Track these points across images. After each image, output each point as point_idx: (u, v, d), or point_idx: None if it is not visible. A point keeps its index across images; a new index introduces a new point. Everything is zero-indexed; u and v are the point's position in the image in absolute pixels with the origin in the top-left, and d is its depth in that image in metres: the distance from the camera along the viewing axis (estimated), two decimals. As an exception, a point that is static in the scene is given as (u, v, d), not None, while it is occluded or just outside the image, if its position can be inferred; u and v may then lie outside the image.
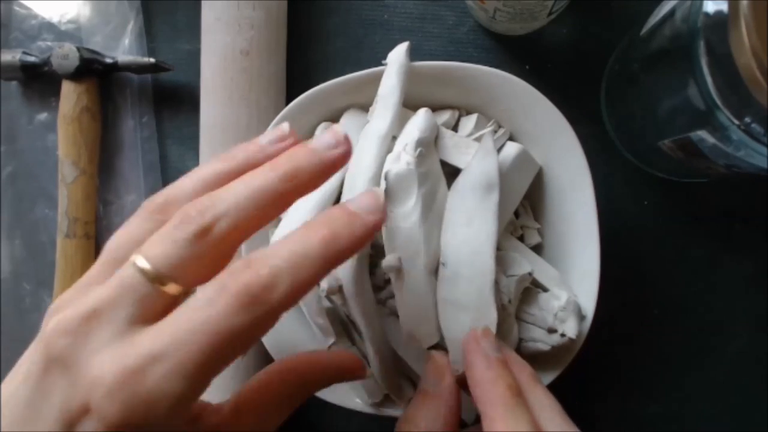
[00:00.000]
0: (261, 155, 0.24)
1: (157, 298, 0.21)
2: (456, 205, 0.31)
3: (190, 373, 0.20)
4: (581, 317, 0.33)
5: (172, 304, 0.21)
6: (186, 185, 0.23)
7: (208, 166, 0.24)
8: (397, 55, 0.33)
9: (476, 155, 0.32)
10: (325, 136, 0.24)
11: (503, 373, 0.26)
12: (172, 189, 0.24)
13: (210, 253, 0.21)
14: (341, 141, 0.24)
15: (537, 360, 0.34)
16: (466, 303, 0.30)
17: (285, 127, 0.25)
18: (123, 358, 0.20)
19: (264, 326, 0.21)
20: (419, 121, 0.32)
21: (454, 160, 0.33)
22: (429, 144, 0.32)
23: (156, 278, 0.21)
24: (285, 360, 0.27)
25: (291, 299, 0.21)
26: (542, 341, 0.33)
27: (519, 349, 0.34)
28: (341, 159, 0.23)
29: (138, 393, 0.19)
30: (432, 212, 0.31)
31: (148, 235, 0.22)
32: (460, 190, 0.31)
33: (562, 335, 0.32)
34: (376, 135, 0.31)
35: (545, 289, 0.34)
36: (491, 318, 0.30)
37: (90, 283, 0.22)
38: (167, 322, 0.20)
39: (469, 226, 0.31)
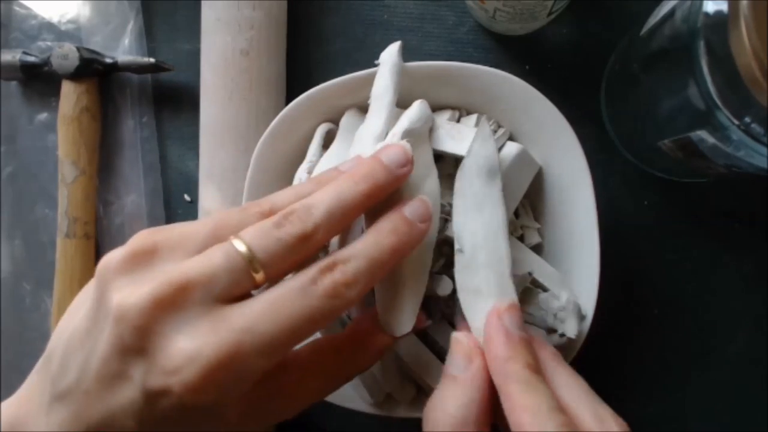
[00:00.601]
0: (391, 179, 0.27)
1: (245, 282, 0.23)
2: (464, 190, 0.31)
3: (275, 347, 0.22)
4: (581, 317, 0.33)
5: (250, 291, 0.24)
6: (286, 195, 0.26)
7: (303, 186, 0.27)
8: (390, 54, 0.33)
9: (475, 140, 0.31)
10: (396, 154, 0.27)
11: (523, 351, 0.25)
12: (275, 197, 0.26)
13: (304, 254, 0.24)
14: (410, 159, 0.27)
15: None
16: (487, 290, 0.29)
17: (407, 147, 0.28)
18: (216, 332, 0.21)
19: (338, 313, 0.24)
20: (411, 111, 0.32)
21: (449, 148, 0.33)
22: (420, 135, 0.31)
23: (251, 263, 0.23)
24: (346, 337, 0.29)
25: (361, 296, 0.24)
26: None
27: None
28: (407, 176, 0.27)
29: (231, 368, 0.21)
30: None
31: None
32: (467, 175, 0.31)
33: (562, 335, 0.32)
34: (371, 135, 0.31)
35: (545, 289, 0.34)
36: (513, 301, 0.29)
37: (184, 246, 0.24)
38: (256, 300, 0.23)
39: (481, 211, 0.30)
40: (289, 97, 0.41)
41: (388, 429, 0.37)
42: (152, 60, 0.41)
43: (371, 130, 0.32)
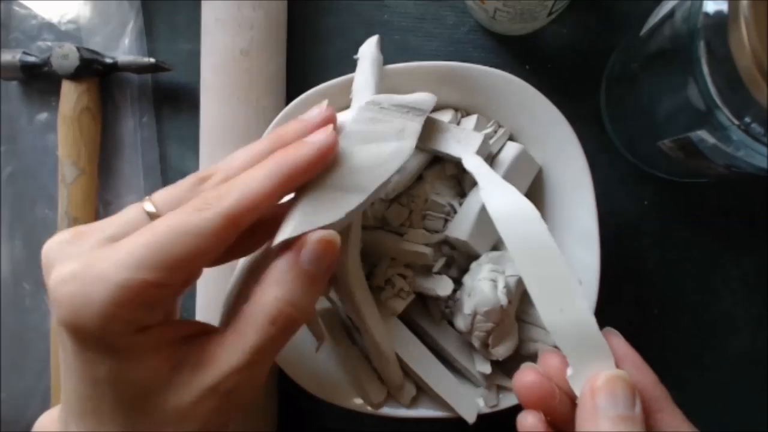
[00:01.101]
0: (303, 127, 0.27)
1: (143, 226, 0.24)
2: (518, 248, 0.28)
3: (136, 260, 0.22)
4: None
5: None
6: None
7: (249, 146, 0.27)
8: (369, 48, 0.33)
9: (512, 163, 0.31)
10: (311, 110, 0.28)
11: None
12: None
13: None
14: (323, 110, 0.27)
15: (537, 360, 0.34)
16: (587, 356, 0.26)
17: (323, 103, 0.28)
18: (82, 256, 0.23)
19: (212, 230, 0.23)
20: (413, 96, 0.31)
21: (454, 152, 0.33)
22: (409, 110, 0.30)
23: (151, 215, 0.24)
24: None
25: (241, 207, 0.23)
26: (542, 341, 0.33)
27: (518, 349, 0.34)
28: (325, 122, 0.27)
29: (83, 280, 0.22)
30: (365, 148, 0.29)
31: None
32: (513, 234, 0.28)
33: None
34: None
35: (545, 289, 0.34)
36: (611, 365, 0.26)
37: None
38: (142, 229, 0.23)
39: (551, 283, 0.27)
40: (289, 97, 0.41)
41: (388, 429, 0.37)
42: (152, 60, 0.41)
43: None
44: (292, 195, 0.27)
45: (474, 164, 0.31)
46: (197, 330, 0.25)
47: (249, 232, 0.25)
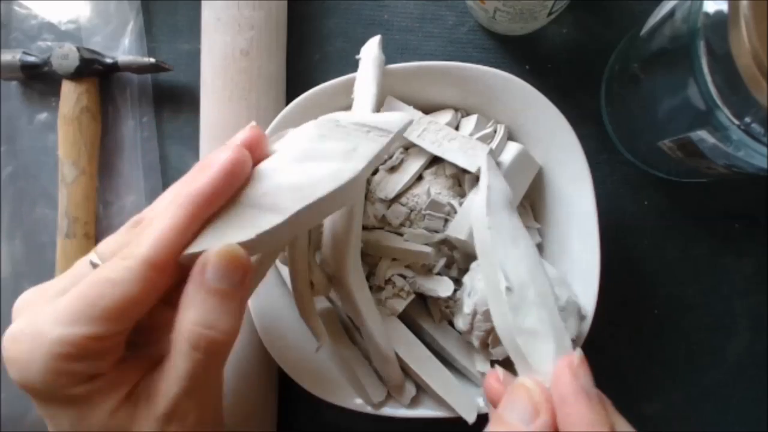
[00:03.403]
0: (222, 151, 0.26)
1: None
2: (499, 225, 0.28)
3: (72, 313, 0.22)
4: (581, 317, 0.33)
5: None
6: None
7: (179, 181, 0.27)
8: (370, 48, 0.33)
9: (490, 174, 0.30)
10: (238, 133, 0.27)
11: (603, 413, 0.24)
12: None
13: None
14: (246, 130, 0.27)
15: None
16: (543, 330, 0.26)
17: (247, 126, 0.27)
18: (28, 315, 0.24)
19: (134, 280, 0.23)
20: (383, 115, 0.30)
21: (461, 163, 0.33)
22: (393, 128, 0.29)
23: (95, 267, 0.25)
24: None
25: (159, 247, 0.23)
26: None
27: None
28: (248, 142, 0.26)
29: (23, 337, 0.23)
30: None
31: None
32: (496, 210, 0.29)
33: None
34: None
35: (545, 289, 0.34)
36: (568, 342, 0.26)
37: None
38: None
39: (516, 245, 0.28)
40: (289, 97, 0.41)
41: (388, 429, 0.37)
42: (152, 60, 0.41)
43: None
44: None
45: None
46: (153, 363, 0.25)
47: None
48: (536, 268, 0.28)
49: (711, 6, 0.26)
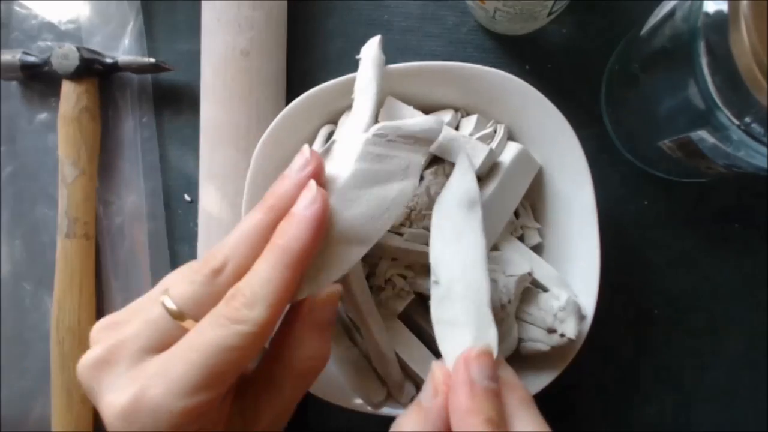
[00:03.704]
0: (293, 187, 0.27)
1: (175, 332, 0.24)
2: (442, 221, 0.30)
3: (189, 387, 0.23)
4: (581, 318, 0.33)
5: (184, 334, 0.25)
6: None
7: (247, 220, 0.27)
8: (371, 48, 0.33)
9: (455, 173, 0.31)
10: (295, 160, 0.27)
11: (486, 405, 0.25)
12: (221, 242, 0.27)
13: (221, 291, 0.25)
14: (309, 159, 0.27)
15: (536, 360, 0.34)
16: (464, 321, 0.28)
17: (305, 150, 0.27)
18: (132, 382, 0.23)
19: (254, 341, 0.24)
20: (421, 120, 0.30)
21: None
22: (418, 140, 0.30)
23: (177, 315, 0.24)
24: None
25: (272, 311, 0.24)
26: (541, 341, 0.33)
27: (518, 349, 0.34)
28: (314, 174, 0.26)
29: (141, 414, 0.23)
30: (371, 192, 0.29)
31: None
32: (444, 208, 0.30)
33: (562, 335, 0.32)
34: (358, 129, 0.32)
35: (545, 289, 0.34)
36: (491, 335, 0.28)
37: (139, 308, 0.26)
38: (175, 345, 0.24)
39: (459, 241, 0.29)
40: (289, 97, 0.41)
41: (388, 429, 0.37)
42: (152, 60, 0.41)
43: (357, 124, 0.32)
44: None
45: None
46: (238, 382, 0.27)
47: None
48: (473, 265, 0.29)
49: (711, 6, 0.26)
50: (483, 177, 0.34)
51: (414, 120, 0.31)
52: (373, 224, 0.27)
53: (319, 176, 0.27)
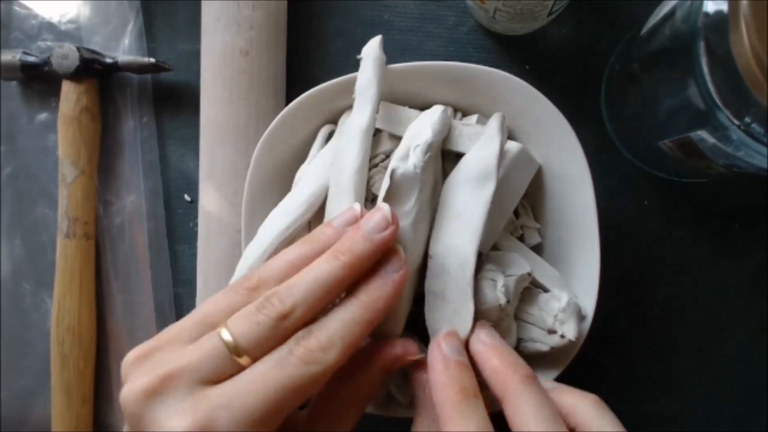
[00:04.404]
0: (336, 238, 0.28)
1: (230, 367, 0.25)
2: (449, 196, 0.31)
3: (254, 419, 0.23)
4: (581, 318, 0.33)
5: (239, 371, 0.25)
6: (275, 266, 0.27)
7: (293, 250, 0.28)
8: (372, 48, 0.33)
9: (478, 142, 0.31)
10: (376, 218, 0.27)
11: (459, 375, 0.27)
12: (263, 270, 0.27)
13: (286, 334, 0.25)
14: (390, 222, 0.27)
15: (536, 360, 0.34)
16: (448, 296, 0.30)
17: (356, 208, 0.29)
18: (195, 410, 0.23)
19: (320, 381, 0.25)
20: (435, 121, 0.32)
21: (467, 149, 0.33)
22: (438, 147, 0.32)
23: (235, 351, 0.25)
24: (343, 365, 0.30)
25: (343, 357, 0.25)
26: (541, 342, 0.33)
27: (518, 349, 0.34)
28: (392, 238, 0.27)
29: None
30: (425, 218, 0.31)
31: (240, 308, 0.26)
32: (455, 181, 0.31)
33: (562, 336, 0.32)
34: (358, 129, 0.32)
35: (545, 290, 0.34)
36: (468, 311, 0.30)
37: (180, 338, 0.26)
38: (237, 378, 0.24)
39: (457, 219, 0.30)
40: (289, 97, 0.41)
41: (388, 429, 0.37)
42: (152, 60, 0.41)
43: (357, 124, 0.32)
44: None
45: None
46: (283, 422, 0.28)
47: None
48: (465, 243, 0.30)
49: (711, 6, 0.26)
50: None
51: (424, 122, 0.31)
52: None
53: (395, 240, 0.28)
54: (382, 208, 0.28)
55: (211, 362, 0.25)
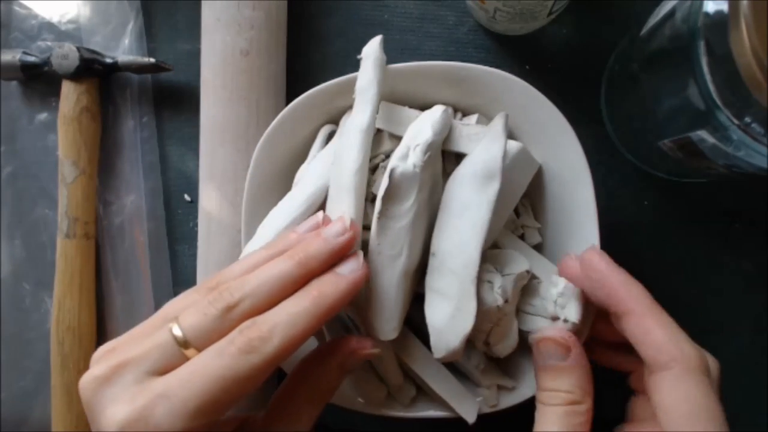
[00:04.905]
0: (297, 242, 0.28)
1: (177, 358, 0.25)
2: (452, 194, 0.31)
3: (191, 410, 0.24)
4: (582, 301, 0.33)
5: (185, 362, 0.26)
6: (235, 268, 0.28)
7: (255, 254, 0.29)
8: (372, 48, 0.33)
9: (483, 140, 0.31)
10: (336, 225, 0.28)
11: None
12: (225, 271, 0.28)
13: (232, 326, 0.26)
14: (347, 228, 0.28)
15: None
16: (450, 294, 0.30)
17: (319, 216, 0.30)
18: (135, 399, 0.24)
19: (260, 373, 0.25)
20: (435, 120, 0.32)
21: (467, 149, 0.33)
22: (438, 146, 0.32)
23: (183, 343, 0.25)
24: (300, 364, 0.30)
25: (284, 349, 0.25)
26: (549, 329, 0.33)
27: (528, 342, 0.34)
28: (349, 244, 0.28)
29: (144, 427, 0.24)
30: (424, 217, 0.31)
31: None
32: (459, 179, 0.31)
33: (566, 321, 0.32)
34: (358, 129, 0.32)
35: (545, 283, 0.34)
36: (470, 310, 0.30)
37: (142, 333, 0.27)
38: (180, 368, 0.25)
39: (460, 217, 0.31)
40: (289, 97, 0.41)
41: (388, 429, 0.37)
42: (152, 60, 0.41)
43: (357, 124, 0.32)
44: None
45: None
46: (238, 422, 0.29)
47: None
48: (468, 241, 0.30)
49: (711, 6, 0.26)
50: None
51: (425, 122, 0.31)
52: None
53: (353, 246, 0.29)
54: (343, 217, 0.29)
55: (160, 354, 0.25)
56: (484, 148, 0.31)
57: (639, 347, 0.28)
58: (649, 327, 0.28)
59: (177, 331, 0.26)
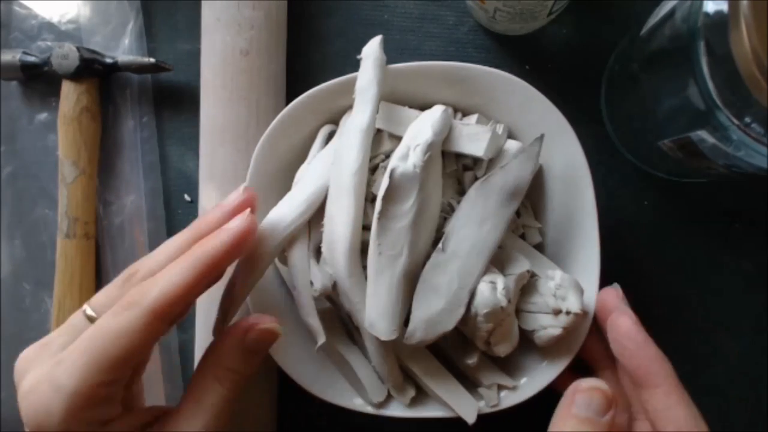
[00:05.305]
0: (221, 214, 0.30)
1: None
2: (478, 199, 0.32)
3: (86, 366, 0.25)
4: (581, 290, 0.33)
5: None
6: (149, 255, 0.30)
7: (171, 239, 0.30)
8: (372, 48, 0.33)
9: (519, 157, 0.32)
10: (231, 194, 0.30)
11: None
12: (140, 261, 0.30)
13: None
14: (240, 194, 0.30)
15: (552, 347, 0.34)
16: (444, 294, 0.31)
17: (240, 188, 0.31)
18: (43, 366, 0.26)
19: (144, 326, 0.26)
20: (435, 120, 0.32)
21: (469, 150, 0.33)
22: (438, 147, 0.32)
23: (92, 319, 0.28)
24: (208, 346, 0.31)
25: (164, 301, 0.26)
26: (552, 326, 0.33)
27: (534, 341, 0.34)
28: (241, 206, 0.30)
29: (43, 394, 0.25)
30: (424, 218, 0.31)
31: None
32: (491, 186, 0.32)
33: (567, 313, 0.32)
34: (358, 129, 0.32)
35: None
36: (457, 315, 0.31)
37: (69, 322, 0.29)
38: (81, 336, 0.27)
39: (481, 225, 0.31)
40: (289, 97, 0.41)
41: (388, 429, 0.37)
42: (152, 60, 0.41)
43: (357, 124, 0.32)
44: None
45: None
46: (159, 413, 0.29)
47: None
48: (479, 253, 0.31)
49: (711, 6, 0.26)
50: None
51: (425, 122, 0.31)
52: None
53: (251, 208, 0.30)
54: (239, 188, 0.31)
55: (72, 330, 0.28)
56: (520, 164, 0.32)
57: (658, 420, 0.29)
58: (673, 403, 0.29)
59: (89, 311, 0.28)
